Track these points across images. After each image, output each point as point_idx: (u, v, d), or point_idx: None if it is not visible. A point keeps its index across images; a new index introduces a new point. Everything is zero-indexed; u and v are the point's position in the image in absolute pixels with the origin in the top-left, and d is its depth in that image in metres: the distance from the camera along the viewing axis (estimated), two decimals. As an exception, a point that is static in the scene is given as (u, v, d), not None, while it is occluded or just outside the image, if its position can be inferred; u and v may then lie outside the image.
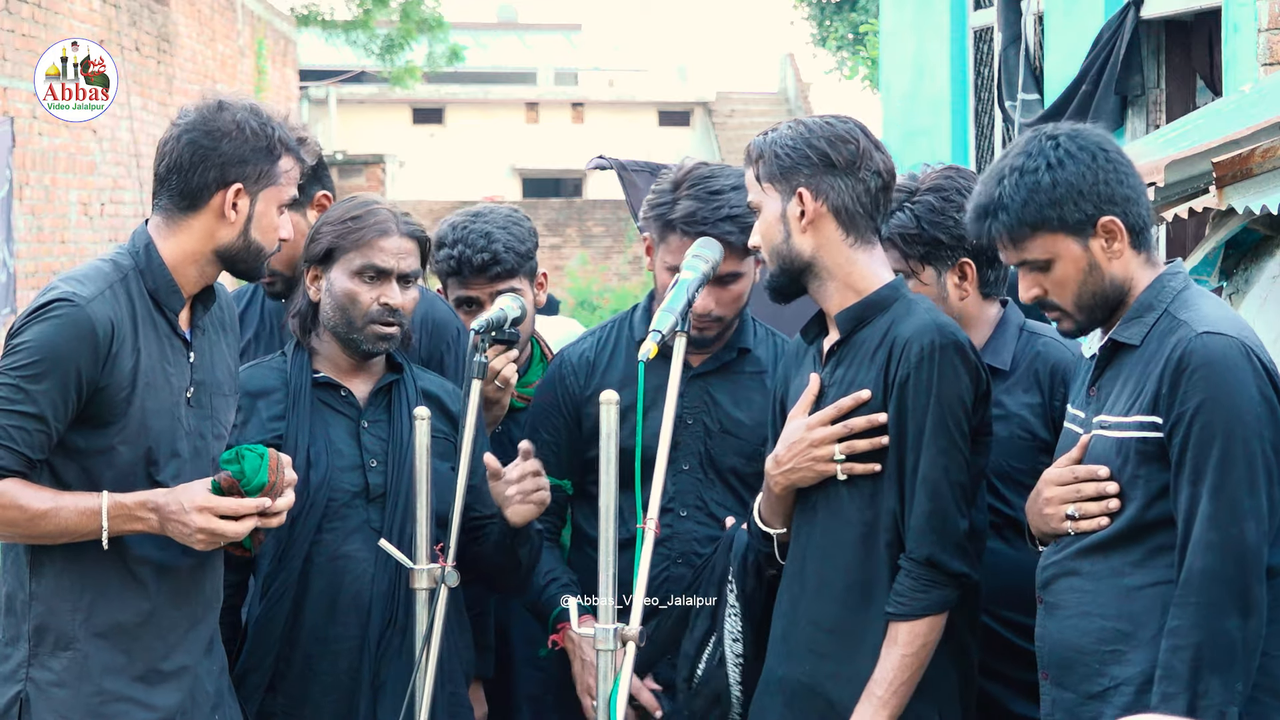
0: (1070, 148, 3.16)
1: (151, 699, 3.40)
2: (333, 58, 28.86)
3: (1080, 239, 3.16)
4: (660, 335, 3.35)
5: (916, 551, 3.34)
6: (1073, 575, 3.19)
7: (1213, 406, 3.05)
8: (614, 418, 3.34)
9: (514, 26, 38.65)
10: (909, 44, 11.62)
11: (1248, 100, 5.58)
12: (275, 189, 3.42)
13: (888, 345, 3.38)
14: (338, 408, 3.84)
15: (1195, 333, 3.10)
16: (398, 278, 3.78)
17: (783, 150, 3.43)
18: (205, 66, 15.72)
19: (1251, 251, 4.50)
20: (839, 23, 27.20)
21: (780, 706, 3.48)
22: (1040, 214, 3.15)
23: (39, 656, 3.35)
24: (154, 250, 3.40)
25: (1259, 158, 4.20)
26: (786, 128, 3.48)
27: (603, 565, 3.31)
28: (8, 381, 3.26)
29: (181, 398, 3.43)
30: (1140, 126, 8.52)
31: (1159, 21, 8.48)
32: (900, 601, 3.34)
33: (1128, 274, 3.20)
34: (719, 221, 3.75)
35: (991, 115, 10.53)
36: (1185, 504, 3.06)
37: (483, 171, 31.21)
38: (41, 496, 3.27)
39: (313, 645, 3.77)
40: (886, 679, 3.32)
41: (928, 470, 3.34)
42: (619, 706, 3.15)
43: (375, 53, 23.90)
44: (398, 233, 3.79)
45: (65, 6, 11.42)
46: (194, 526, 3.28)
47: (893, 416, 3.37)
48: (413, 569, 3.59)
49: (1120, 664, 3.13)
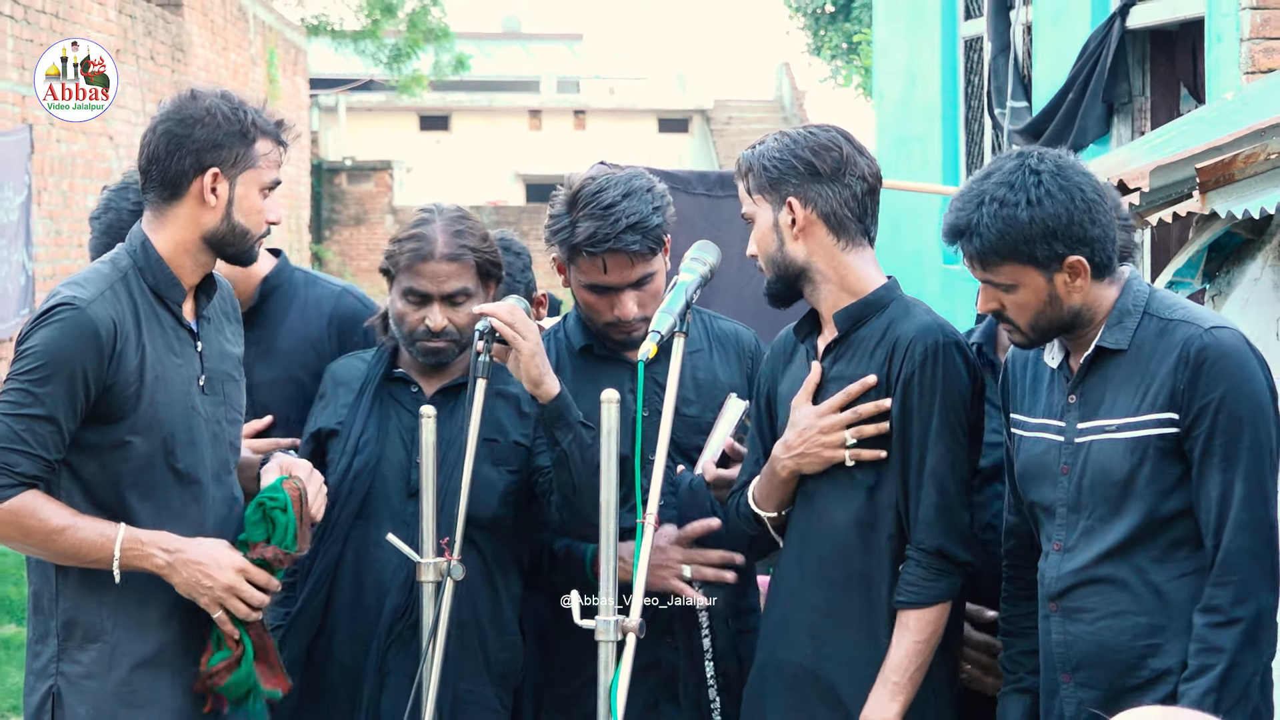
0: (1052, 186, 3.12)
1: (176, 685, 3.40)
2: (342, 66, 28.89)
3: (1046, 272, 3.14)
4: (659, 335, 3.36)
5: (926, 542, 3.35)
6: (1096, 582, 3.16)
7: (1236, 395, 3.08)
8: (614, 416, 3.35)
9: (518, 36, 38.66)
10: (901, 53, 11.62)
11: (1230, 108, 5.57)
12: (254, 172, 3.41)
13: (888, 344, 3.39)
14: (404, 403, 3.86)
15: (1203, 328, 3.12)
16: (442, 298, 3.78)
17: (770, 162, 3.45)
18: (218, 75, 15.72)
19: (1234, 255, 4.49)
20: (833, 32, 27.21)
21: (780, 689, 3.49)
22: (1013, 248, 3.12)
23: (68, 650, 3.36)
24: (150, 246, 3.40)
25: (1241, 163, 4.20)
26: (773, 140, 3.50)
27: (603, 559, 3.31)
28: (17, 387, 3.27)
29: (194, 387, 3.43)
30: (1126, 133, 8.52)
31: (1144, 31, 8.48)
32: (911, 590, 3.35)
33: (1087, 302, 3.18)
34: (620, 235, 3.72)
35: (981, 122, 10.53)
36: (1218, 489, 3.07)
37: (487, 177, 31.22)
38: (61, 513, 3.27)
39: (338, 630, 3.79)
40: (900, 665, 3.33)
41: (935, 465, 3.36)
42: (619, 698, 3.14)
43: (383, 62, 23.95)
44: (437, 257, 3.77)
45: (83, 17, 11.41)
46: (223, 584, 3.32)
47: (896, 413, 3.38)
48: (419, 563, 3.58)
49: (1158, 656, 3.12)
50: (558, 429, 3.67)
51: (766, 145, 3.49)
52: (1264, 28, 7.18)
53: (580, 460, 3.67)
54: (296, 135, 3.62)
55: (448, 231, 3.80)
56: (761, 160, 3.47)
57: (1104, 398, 3.19)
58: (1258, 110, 4.76)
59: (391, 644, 3.76)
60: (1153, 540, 3.14)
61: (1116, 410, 3.16)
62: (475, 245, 3.81)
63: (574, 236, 3.77)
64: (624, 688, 3.15)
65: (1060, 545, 3.22)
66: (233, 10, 16.34)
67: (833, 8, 27.10)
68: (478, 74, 30.04)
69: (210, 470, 3.45)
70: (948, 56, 10.90)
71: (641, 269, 3.78)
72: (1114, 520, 3.15)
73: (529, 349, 3.60)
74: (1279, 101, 4.81)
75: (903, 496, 3.38)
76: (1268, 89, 5.65)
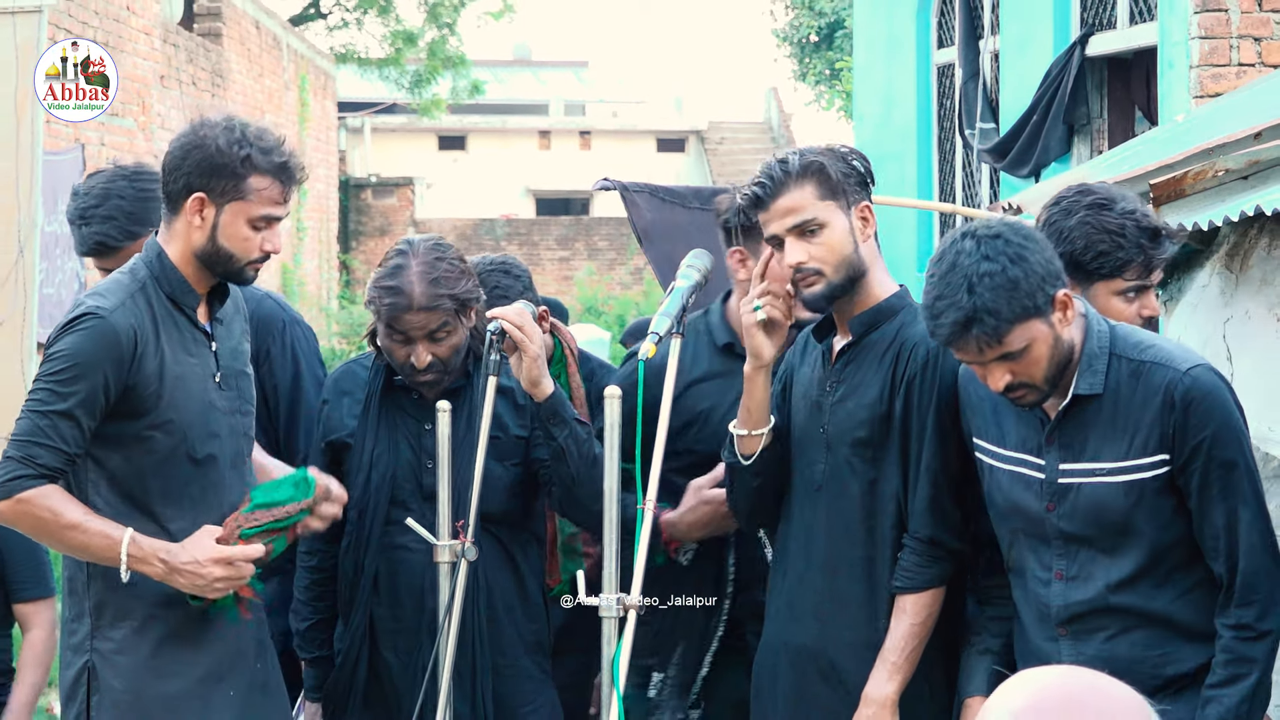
0: (1017, 240, 2.99)
1: (199, 656, 3.42)
2: (367, 91, 28.86)
3: (1046, 319, 3.01)
4: (658, 337, 3.34)
5: (920, 531, 3.33)
6: (1105, 612, 3.10)
7: (1223, 430, 3.02)
8: (616, 411, 3.34)
9: (528, 64, 38.61)
10: (879, 79, 11.62)
11: (1181, 129, 5.57)
12: (243, 204, 3.37)
13: (896, 348, 3.37)
14: (408, 411, 3.82)
15: (1181, 371, 3.04)
16: (425, 336, 3.71)
17: (839, 170, 3.33)
18: (254, 99, 15.69)
19: (1184, 263, 4.48)
20: (817, 60, 27.19)
21: (785, 667, 3.47)
22: (1022, 306, 2.97)
23: (100, 629, 3.38)
24: (165, 256, 3.41)
25: (1191, 180, 4.19)
26: (822, 149, 3.37)
27: (607, 541, 3.31)
28: (43, 387, 3.28)
29: (210, 384, 3.44)
30: (1085, 152, 8.52)
31: (1102, 59, 8.48)
32: (907, 575, 3.33)
33: (1072, 334, 3.08)
34: None
35: (953, 142, 10.53)
36: (1223, 518, 3.02)
37: (501, 192, 31.19)
38: (74, 510, 3.28)
39: (383, 635, 3.79)
40: (898, 646, 3.31)
41: (929, 461, 3.34)
42: (621, 671, 3.13)
43: (405, 87, 23.92)
44: (415, 309, 3.68)
45: (129, 45, 11.40)
46: (212, 577, 3.32)
47: (899, 411, 3.35)
48: (435, 545, 3.57)
49: (1172, 663, 3.08)
50: (553, 425, 3.66)
51: (822, 153, 3.36)
52: (1211, 56, 7.18)
53: (577, 454, 3.65)
54: (304, 177, 3.55)
55: (424, 280, 3.68)
56: (832, 166, 3.33)
57: (1087, 441, 3.09)
58: (1206, 131, 4.76)
59: (435, 638, 3.70)
60: (1156, 569, 3.08)
61: (1104, 454, 3.07)
62: (449, 290, 3.70)
63: None
64: (625, 661, 3.13)
65: (1063, 575, 3.13)
66: (268, 40, 16.31)
67: (816, 37, 27.08)
68: (492, 98, 29.98)
69: (228, 459, 3.46)
70: (922, 82, 10.89)
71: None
72: (1118, 554, 3.08)
73: (533, 351, 3.59)
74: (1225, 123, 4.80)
75: (903, 489, 3.36)
76: (1215, 112, 5.65)
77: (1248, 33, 7.19)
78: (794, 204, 3.32)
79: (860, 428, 3.39)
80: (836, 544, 3.41)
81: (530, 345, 3.58)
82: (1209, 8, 7.18)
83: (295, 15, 23.07)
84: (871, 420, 3.38)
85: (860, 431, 3.39)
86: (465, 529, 3.50)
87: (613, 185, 5.75)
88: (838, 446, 3.42)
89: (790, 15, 27.55)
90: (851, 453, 3.40)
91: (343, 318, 19.32)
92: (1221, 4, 7.18)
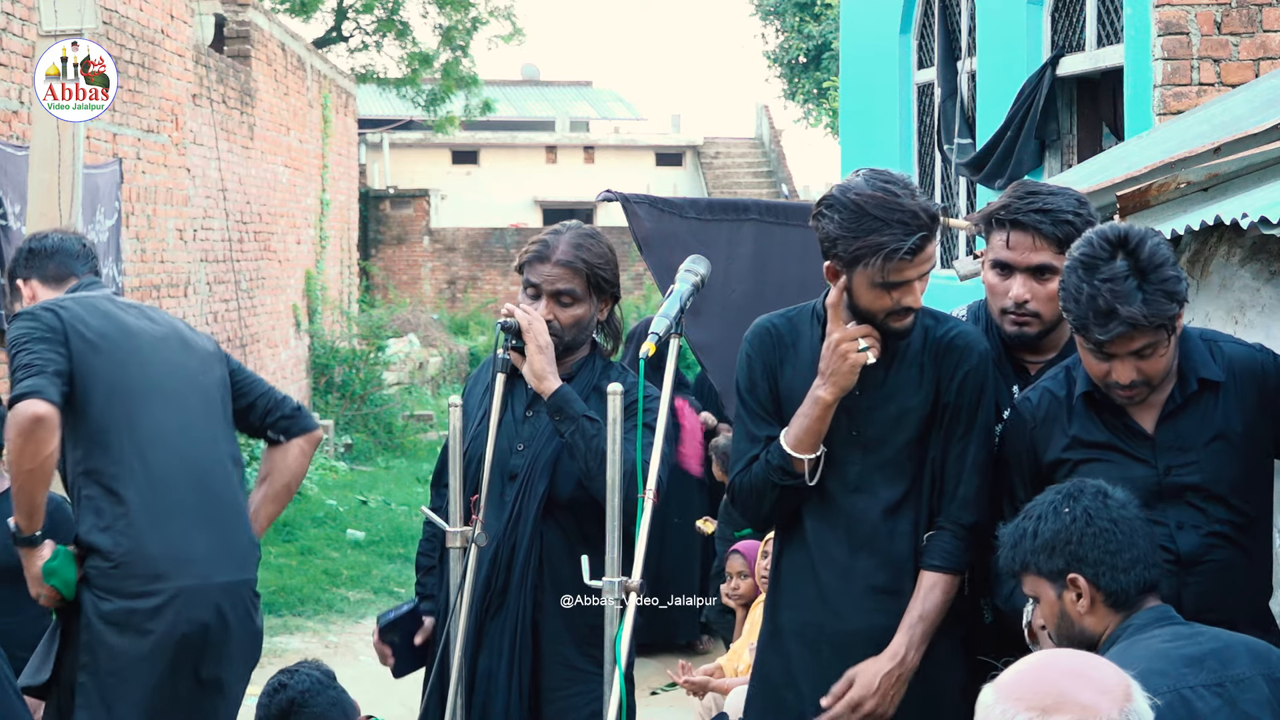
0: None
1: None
2: (386, 109, 28.86)
3: (1057, 588, 2.91)
4: (658, 337, 3.30)
5: (964, 518, 3.33)
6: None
7: None
8: (618, 406, 3.33)
9: (536, 83, 38.59)
10: (864, 97, 11.61)
11: (1145, 144, 5.56)
12: None
13: (932, 346, 3.36)
14: (516, 397, 3.78)
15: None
16: (550, 294, 3.70)
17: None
18: (280, 116, 15.67)
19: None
20: (805, 80, 27.19)
21: (829, 653, 3.38)
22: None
23: None
24: None
25: (1155, 191, 4.19)
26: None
27: (609, 528, 3.29)
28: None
29: None
30: (1056, 166, 8.51)
31: (1072, 79, 8.47)
32: (948, 556, 3.32)
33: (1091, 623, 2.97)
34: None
35: (933, 156, 10.52)
36: None
37: (510, 203, 31.19)
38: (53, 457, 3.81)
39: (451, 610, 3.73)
40: (930, 617, 3.30)
41: (977, 453, 3.34)
42: (623, 650, 3.12)
43: (421, 105, 23.90)
44: (553, 261, 3.70)
45: (164, 66, 11.38)
46: (34, 591, 3.97)
47: (949, 407, 3.34)
48: (447, 530, 3.56)
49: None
50: (560, 421, 3.63)
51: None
52: (1174, 76, 7.17)
53: (585, 449, 3.61)
54: None
55: (569, 244, 3.72)
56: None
57: None
58: (1169, 146, 4.75)
59: (486, 611, 3.68)
60: None
61: None
62: (589, 258, 3.71)
63: None
64: (626, 642, 3.10)
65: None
66: (293, 61, 16.30)
67: (805, 59, 27.08)
68: (502, 115, 29.95)
69: None
70: (903, 100, 10.88)
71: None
72: None
73: (535, 348, 3.58)
74: (1187, 139, 4.80)
75: (939, 479, 3.34)
76: (1177, 128, 5.64)
77: (1208, 54, 7.19)
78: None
79: (906, 429, 3.35)
80: (873, 540, 3.36)
81: (534, 341, 3.57)
82: (1171, 31, 7.17)
83: (319, 38, 23.06)
84: (919, 420, 3.35)
85: (908, 433, 3.35)
86: (478, 506, 3.49)
87: (615, 197, 5.74)
88: (878, 448, 3.37)
89: (780, 38, 27.56)
90: (895, 453, 3.36)
91: (362, 320, 19.30)
92: (1183, 27, 7.17)
